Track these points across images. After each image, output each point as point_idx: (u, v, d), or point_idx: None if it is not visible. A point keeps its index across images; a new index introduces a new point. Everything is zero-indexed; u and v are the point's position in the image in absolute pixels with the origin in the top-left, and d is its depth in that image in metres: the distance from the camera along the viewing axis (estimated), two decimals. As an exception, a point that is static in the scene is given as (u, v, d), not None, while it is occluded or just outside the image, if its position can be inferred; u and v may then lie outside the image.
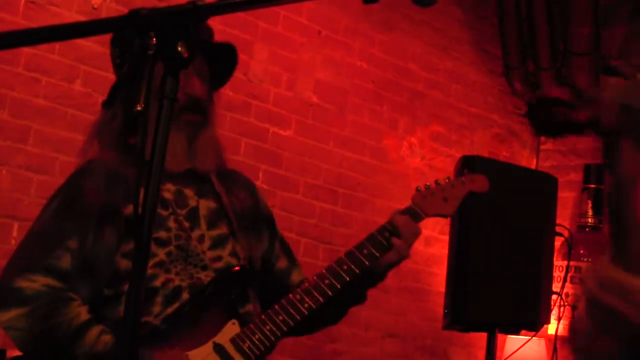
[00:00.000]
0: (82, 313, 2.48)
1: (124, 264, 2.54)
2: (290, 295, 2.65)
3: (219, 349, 2.55)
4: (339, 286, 2.67)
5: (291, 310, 2.62)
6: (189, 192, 2.70)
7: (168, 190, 2.65)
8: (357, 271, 2.70)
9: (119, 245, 2.54)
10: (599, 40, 6.07)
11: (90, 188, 2.59)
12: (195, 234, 2.66)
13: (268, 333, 2.59)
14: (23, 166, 4.26)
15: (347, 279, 2.69)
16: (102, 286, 2.54)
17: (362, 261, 2.71)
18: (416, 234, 2.81)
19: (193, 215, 2.67)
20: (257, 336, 2.58)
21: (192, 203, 2.69)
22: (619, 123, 1.64)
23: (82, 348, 2.43)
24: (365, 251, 2.72)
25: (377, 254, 2.73)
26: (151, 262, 2.54)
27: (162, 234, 2.59)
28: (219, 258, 2.68)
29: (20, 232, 4.16)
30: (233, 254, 2.72)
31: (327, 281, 2.68)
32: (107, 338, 2.46)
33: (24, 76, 4.29)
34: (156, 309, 2.53)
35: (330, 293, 2.66)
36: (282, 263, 2.93)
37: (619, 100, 1.64)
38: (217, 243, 2.69)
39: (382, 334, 5.80)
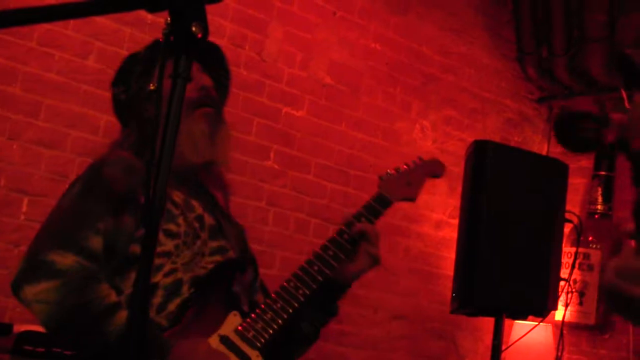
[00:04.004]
0: (112, 294, 2.47)
1: (137, 249, 2.55)
2: (285, 284, 2.69)
3: (224, 340, 2.56)
4: (327, 271, 2.73)
5: (287, 297, 2.66)
6: (195, 203, 2.73)
7: (178, 196, 2.68)
8: (343, 256, 2.77)
9: (135, 231, 2.56)
10: (614, 27, 6.04)
11: (110, 176, 2.61)
12: (204, 235, 2.69)
13: (269, 321, 2.62)
14: (34, 141, 4.27)
15: (335, 264, 2.75)
16: (115, 274, 2.55)
17: (344, 245, 2.78)
18: (377, 235, 2.87)
19: (201, 221, 2.71)
20: (259, 325, 2.61)
21: (199, 211, 2.72)
22: None
23: (113, 325, 2.41)
24: (345, 236, 2.80)
25: (356, 238, 2.81)
26: (159, 249, 2.55)
27: (172, 227, 2.61)
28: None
29: (30, 207, 4.18)
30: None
31: (315, 267, 2.73)
32: None
33: (37, 51, 4.30)
34: (156, 300, 2.54)
35: (320, 278, 2.71)
36: (259, 298, 2.97)
37: None
38: (220, 251, 2.72)
39: (390, 315, 5.81)
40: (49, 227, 2.59)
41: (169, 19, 1.42)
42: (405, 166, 3.02)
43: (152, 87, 2.70)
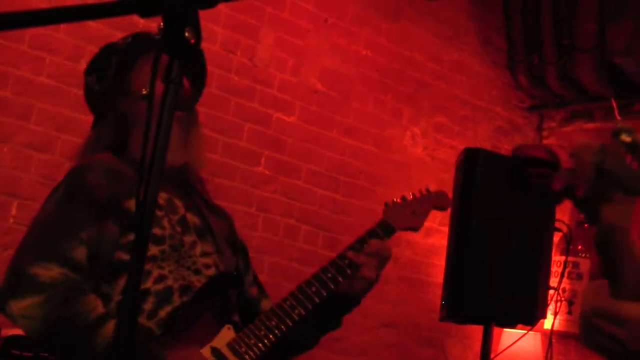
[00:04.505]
0: (99, 306, 2.45)
1: (123, 256, 2.52)
2: (281, 302, 2.69)
3: (216, 353, 2.56)
4: (324, 293, 2.74)
5: (282, 316, 2.67)
6: (178, 202, 2.71)
7: (161, 197, 2.65)
8: (340, 279, 2.78)
9: (120, 238, 2.53)
10: (604, 36, 6.06)
11: (92, 182, 2.58)
12: (188, 239, 2.66)
13: (262, 337, 2.62)
14: (25, 144, 4.26)
15: (332, 286, 2.76)
16: (102, 280, 2.53)
17: (344, 269, 2.80)
18: (388, 251, 2.89)
19: (184, 222, 2.69)
20: (252, 340, 2.60)
21: (182, 212, 2.71)
22: (597, 188, 1.66)
23: (100, 338, 2.39)
24: (346, 260, 2.81)
25: (357, 263, 2.82)
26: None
27: (157, 231, 2.58)
28: (208, 266, 2.69)
29: (20, 210, 4.17)
30: (219, 266, 2.74)
31: (313, 288, 2.73)
32: None
33: (28, 54, 4.29)
34: (147, 307, 2.52)
35: (316, 300, 2.72)
36: (253, 291, 2.96)
37: (594, 165, 1.66)
38: (207, 253, 2.70)
39: (380, 323, 5.81)
40: (32, 238, 2.56)
41: (161, 24, 1.42)
42: (411, 196, 3.05)
43: (144, 92, 2.69)
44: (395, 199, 3.02)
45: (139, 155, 1.52)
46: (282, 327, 2.65)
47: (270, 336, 2.63)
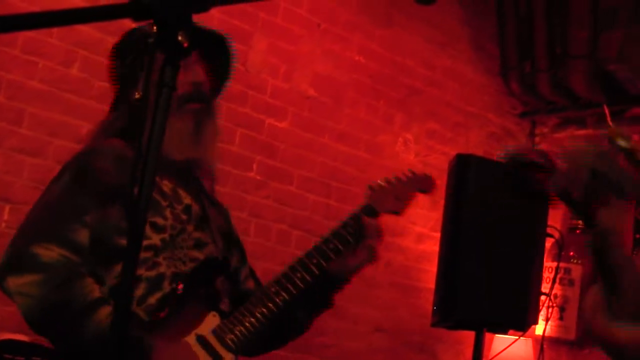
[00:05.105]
0: (96, 290, 2.45)
1: (123, 242, 2.53)
2: (266, 289, 2.70)
3: (201, 340, 2.56)
4: (309, 279, 2.73)
5: (268, 303, 2.66)
6: (181, 192, 2.72)
7: (166, 186, 2.67)
8: (324, 264, 2.76)
9: (122, 224, 2.53)
10: (596, 43, 6.07)
11: (99, 167, 2.58)
12: (190, 227, 2.68)
13: (248, 325, 2.62)
14: (16, 149, 4.25)
15: (316, 272, 2.75)
16: (99, 264, 2.52)
17: (329, 255, 2.78)
18: (379, 230, 2.88)
19: (188, 212, 2.70)
20: (237, 328, 2.61)
21: (187, 201, 2.71)
22: (592, 191, 1.66)
23: (91, 325, 2.40)
24: (331, 245, 2.79)
25: (342, 248, 2.80)
26: (145, 243, 2.53)
27: (159, 220, 2.60)
28: (196, 260, 2.69)
29: (12, 215, 4.16)
30: (213, 254, 2.75)
31: (298, 274, 2.73)
32: None
33: (20, 58, 4.28)
34: (138, 292, 2.52)
35: (302, 285, 2.72)
36: (250, 284, 2.97)
37: (589, 168, 1.66)
38: (198, 245, 2.71)
39: (371, 328, 5.81)
40: (35, 218, 2.57)
41: (154, 28, 1.42)
42: (394, 179, 3.03)
43: (137, 96, 2.68)
44: (379, 181, 3.00)
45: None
46: (266, 312, 2.65)
47: (255, 321, 2.63)
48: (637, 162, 1.67)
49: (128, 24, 1.92)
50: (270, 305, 2.66)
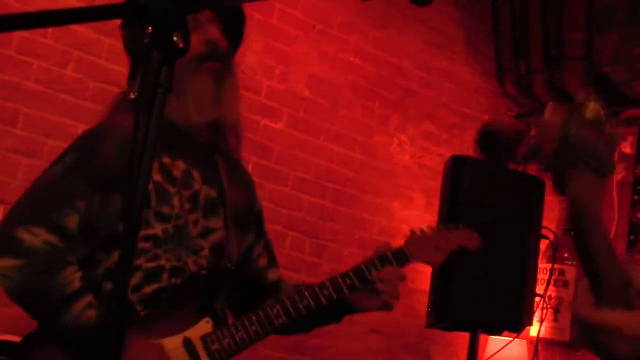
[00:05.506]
0: (76, 280, 2.44)
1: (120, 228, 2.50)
2: (267, 309, 2.66)
3: (188, 343, 2.54)
4: (314, 309, 2.71)
5: (266, 324, 2.64)
6: (196, 174, 2.66)
7: (177, 168, 2.62)
8: (335, 297, 2.74)
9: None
10: (591, 45, 6.08)
11: (103, 152, 2.54)
12: (192, 217, 2.63)
13: (238, 340, 2.60)
14: (11, 149, 4.25)
15: (324, 303, 2.73)
16: (99, 249, 2.51)
17: (343, 290, 2.75)
18: (403, 278, 2.81)
19: (195, 199, 2.64)
20: (227, 340, 2.59)
21: (196, 186, 2.66)
22: (559, 154, 1.65)
23: (67, 315, 2.40)
24: (348, 281, 2.75)
25: (359, 285, 2.76)
26: (145, 233, 2.52)
27: (165, 209, 2.56)
28: (202, 248, 2.66)
29: (7, 215, 4.15)
30: (215, 248, 2.69)
31: (305, 302, 2.70)
32: (92, 313, 2.41)
33: (15, 59, 4.28)
34: (134, 281, 2.50)
35: (305, 313, 2.70)
36: (262, 262, 2.93)
37: (558, 130, 1.65)
38: (205, 233, 2.67)
39: (367, 330, 5.80)
40: (27, 200, 2.56)
41: (149, 28, 1.41)
42: (441, 228, 2.96)
43: (132, 97, 2.65)
44: (422, 228, 2.90)
45: (166, 118, 1.48)
46: (261, 332, 2.63)
47: (247, 339, 2.61)
48: (608, 135, 1.66)
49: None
50: (267, 326, 2.64)
